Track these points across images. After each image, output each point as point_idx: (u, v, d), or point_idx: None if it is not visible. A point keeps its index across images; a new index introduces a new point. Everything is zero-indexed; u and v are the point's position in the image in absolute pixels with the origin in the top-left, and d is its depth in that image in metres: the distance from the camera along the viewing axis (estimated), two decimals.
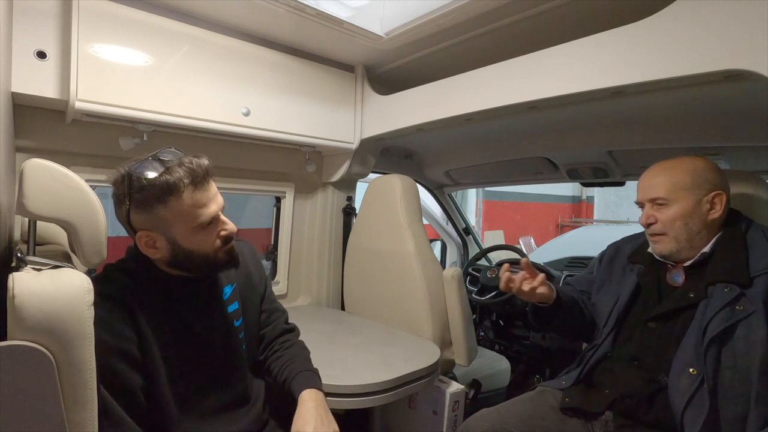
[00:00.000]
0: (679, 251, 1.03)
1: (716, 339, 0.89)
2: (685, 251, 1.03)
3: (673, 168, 1.04)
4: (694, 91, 1.15)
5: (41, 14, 1.13)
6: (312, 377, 0.99)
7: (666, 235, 1.03)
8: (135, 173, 0.79)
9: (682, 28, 0.91)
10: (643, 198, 1.07)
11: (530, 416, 1.10)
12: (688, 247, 1.02)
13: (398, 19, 1.47)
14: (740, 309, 0.89)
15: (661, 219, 1.03)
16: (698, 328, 0.93)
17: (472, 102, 1.37)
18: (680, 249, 1.03)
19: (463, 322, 1.58)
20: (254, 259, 1.11)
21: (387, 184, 1.73)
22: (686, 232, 1.01)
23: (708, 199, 1.00)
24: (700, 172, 1.01)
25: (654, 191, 1.04)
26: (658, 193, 1.03)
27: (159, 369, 0.84)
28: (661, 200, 1.03)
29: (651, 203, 1.05)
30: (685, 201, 1.01)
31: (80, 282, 0.61)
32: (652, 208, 1.05)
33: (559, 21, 1.31)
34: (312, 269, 2.08)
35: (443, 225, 2.95)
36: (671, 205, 1.02)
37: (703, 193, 1.00)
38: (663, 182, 1.03)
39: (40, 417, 0.57)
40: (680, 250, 1.03)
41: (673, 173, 1.03)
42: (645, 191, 1.07)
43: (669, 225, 1.02)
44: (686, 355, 0.94)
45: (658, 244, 1.06)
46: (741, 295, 0.91)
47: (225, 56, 1.44)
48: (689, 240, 1.01)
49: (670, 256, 1.05)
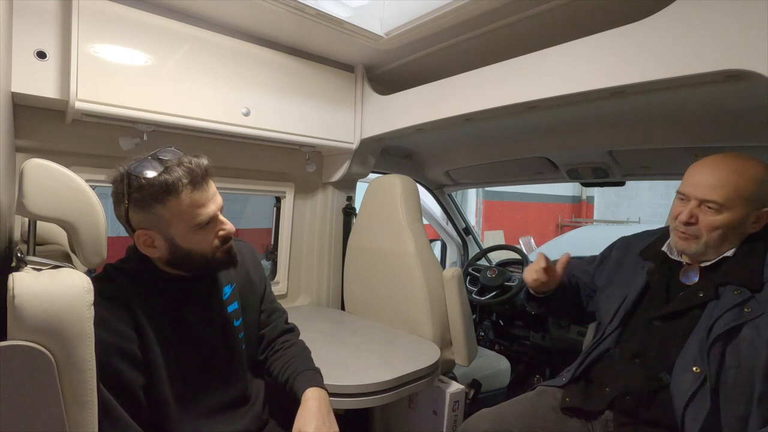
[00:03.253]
0: (704, 254, 0.99)
1: (721, 338, 0.88)
2: (709, 254, 0.99)
3: (737, 171, 0.93)
4: (694, 91, 1.15)
5: (41, 14, 1.13)
6: (315, 376, 0.99)
7: (698, 238, 0.97)
8: (134, 172, 0.79)
9: (682, 28, 0.91)
10: (693, 194, 0.96)
11: (530, 416, 1.10)
12: (714, 251, 0.98)
13: (398, 19, 1.47)
14: (748, 311, 0.88)
15: (704, 223, 0.95)
16: (705, 328, 0.92)
17: (471, 102, 1.37)
18: (706, 252, 0.99)
19: (463, 322, 1.58)
20: (254, 260, 1.11)
21: (387, 184, 1.73)
22: (721, 240, 0.96)
23: (757, 215, 0.94)
24: (766, 185, 0.92)
25: (709, 192, 0.93)
26: (714, 196, 0.93)
27: (159, 368, 0.84)
28: (714, 205, 0.93)
29: (699, 202, 0.96)
30: (738, 212, 0.92)
31: (80, 282, 0.61)
32: (698, 207, 0.96)
33: (559, 21, 1.31)
34: (312, 269, 2.08)
35: (443, 225, 2.95)
36: (722, 212, 0.93)
37: (757, 207, 0.93)
38: (723, 186, 0.92)
39: (40, 417, 0.57)
40: (705, 253, 0.99)
41: (738, 179, 0.92)
42: (697, 189, 0.96)
43: (708, 231, 0.95)
44: (691, 353, 0.93)
45: (685, 242, 1.00)
46: (750, 297, 0.89)
47: (225, 56, 1.44)
48: (717, 247, 0.97)
49: (692, 256, 1.02)
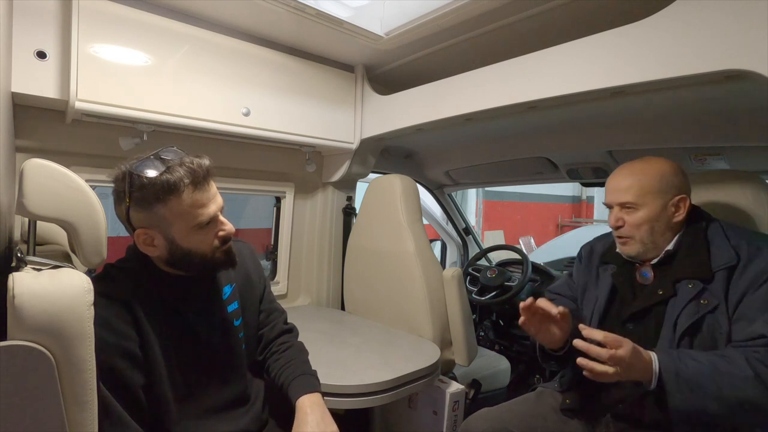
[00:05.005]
0: (645, 252, 1.05)
1: (687, 333, 0.94)
2: (651, 251, 1.05)
3: (641, 172, 1.05)
4: (694, 91, 1.15)
5: (41, 14, 1.13)
6: (309, 380, 0.99)
7: (632, 238, 1.05)
8: (136, 171, 0.79)
9: (682, 28, 0.91)
10: (612, 201, 1.08)
11: (531, 416, 1.10)
12: (653, 247, 1.05)
13: (398, 19, 1.47)
14: (704, 303, 0.94)
15: (629, 222, 1.04)
16: (670, 324, 0.97)
17: (471, 102, 1.37)
18: (646, 250, 1.05)
19: (463, 322, 1.58)
20: (253, 260, 1.11)
21: (387, 184, 1.73)
22: (651, 234, 1.03)
23: (673, 203, 1.02)
24: (667, 177, 1.03)
25: (622, 196, 1.05)
26: (627, 197, 1.04)
27: (159, 368, 0.84)
28: (630, 204, 1.04)
29: (620, 206, 1.06)
30: (651, 205, 1.02)
31: (80, 282, 0.61)
32: (620, 211, 1.06)
33: (559, 21, 1.31)
34: (312, 269, 2.08)
35: (443, 225, 2.95)
36: (639, 209, 1.03)
37: (669, 197, 1.02)
38: (631, 187, 1.04)
39: (40, 417, 0.57)
40: (646, 251, 1.05)
41: (641, 177, 1.04)
42: (614, 195, 1.07)
43: (636, 229, 1.04)
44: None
45: (625, 246, 1.08)
46: (704, 290, 0.95)
47: (225, 56, 1.44)
48: (654, 242, 1.04)
49: (636, 256, 1.07)
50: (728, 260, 0.94)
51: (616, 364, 0.86)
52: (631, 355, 0.86)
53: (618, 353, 0.86)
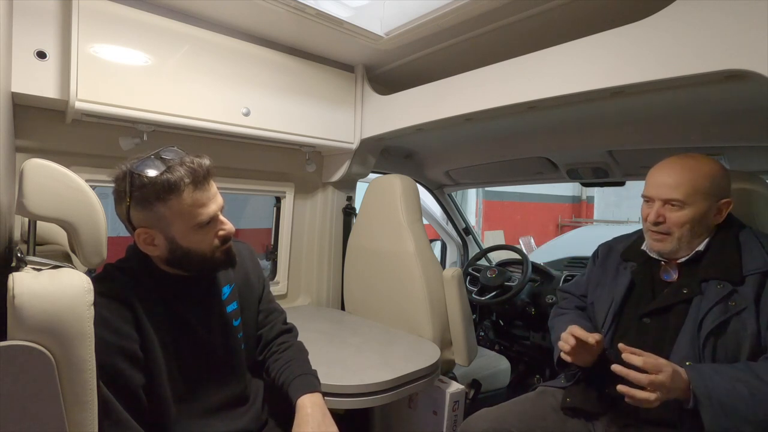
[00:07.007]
0: (678, 250, 1.04)
1: (713, 333, 0.93)
2: (683, 250, 1.04)
3: (692, 170, 1.00)
4: (694, 91, 1.15)
5: (41, 14, 1.13)
6: (309, 380, 0.99)
7: (671, 235, 1.03)
8: (137, 171, 0.79)
9: (682, 28, 0.91)
10: (656, 195, 1.04)
11: (531, 416, 1.10)
12: (687, 246, 1.04)
13: (398, 19, 1.47)
14: (733, 305, 0.92)
15: (672, 220, 1.01)
16: (693, 323, 0.95)
17: (471, 102, 1.37)
18: (679, 248, 1.04)
19: (463, 322, 1.58)
20: (252, 260, 1.11)
21: (387, 184, 1.73)
22: (690, 234, 1.01)
23: (718, 206, 1.01)
24: (717, 179, 1.00)
25: (671, 192, 1.00)
26: (675, 194, 1.00)
27: (159, 368, 0.85)
28: (676, 202, 1.00)
29: (663, 202, 1.03)
30: (698, 205, 0.99)
31: (80, 282, 0.61)
32: (663, 206, 1.03)
33: (559, 21, 1.31)
34: (312, 269, 2.08)
35: (443, 225, 2.95)
36: (684, 208, 1.00)
37: (716, 199, 1.00)
38: (682, 184, 0.99)
39: (40, 417, 0.57)
40: (679, 249, 1.04)
41: (693, 176, 0.99)
42: (659, 189, 1.03)
43: (677, 227, 1.01)
44: (683, 349, 0.96)
45: (660, 242, 1.05)
46: (733, 291, 0.94)
47: (225, 56, 1.44)
48: (689, 241, 1.03)
49: (668, 254, 1.06)
50: (762, 266, 0.93)
51: (656, 390, 0.84)
52: (671, 380, 0.84)
53: (658, 378, 0.83)
